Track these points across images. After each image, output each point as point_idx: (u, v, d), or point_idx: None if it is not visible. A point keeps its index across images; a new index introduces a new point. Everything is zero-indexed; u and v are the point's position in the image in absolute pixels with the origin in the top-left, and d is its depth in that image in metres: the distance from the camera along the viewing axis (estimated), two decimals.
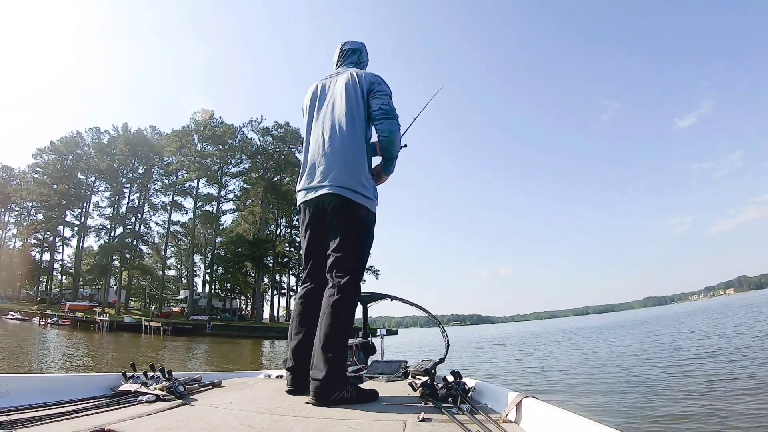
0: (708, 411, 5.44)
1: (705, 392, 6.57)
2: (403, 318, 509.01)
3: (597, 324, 49.86)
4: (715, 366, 8.79)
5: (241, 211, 66.19)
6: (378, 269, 63.70)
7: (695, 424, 5.00)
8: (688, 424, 5.00)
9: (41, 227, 63.41)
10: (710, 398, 6.11)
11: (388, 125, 2.32)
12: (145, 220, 66.20)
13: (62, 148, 64.29)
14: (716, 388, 6.75)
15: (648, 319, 45.37)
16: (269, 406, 1.87)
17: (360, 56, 2.68)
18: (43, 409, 1.60)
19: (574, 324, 63.97)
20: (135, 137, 64.40)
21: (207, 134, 61.55)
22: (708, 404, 5.74)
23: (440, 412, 1.71)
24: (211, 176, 63.09)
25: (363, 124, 2.33)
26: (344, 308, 2.11)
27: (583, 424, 1.18)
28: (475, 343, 27.81)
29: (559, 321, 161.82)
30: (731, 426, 4.82)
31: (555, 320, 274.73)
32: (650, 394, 6.87)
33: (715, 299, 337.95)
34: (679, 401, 6.13)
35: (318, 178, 2.28)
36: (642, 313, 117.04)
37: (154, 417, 1.60)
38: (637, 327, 30.12)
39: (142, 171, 65.77)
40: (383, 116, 2.31)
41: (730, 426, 4.83)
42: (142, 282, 67.53)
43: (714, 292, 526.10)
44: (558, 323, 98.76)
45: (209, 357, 21.41)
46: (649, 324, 32.40)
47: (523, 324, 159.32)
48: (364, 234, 2.29)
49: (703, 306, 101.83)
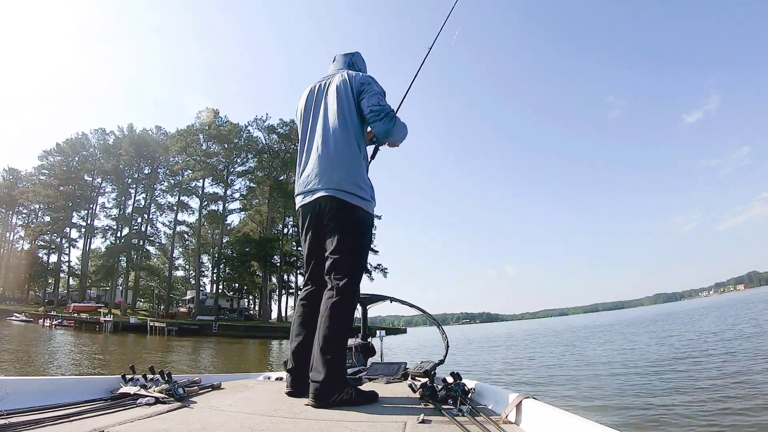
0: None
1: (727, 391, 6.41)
2: (411, 317, 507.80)
3: (608, 321, 49.14)
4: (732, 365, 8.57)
5: (248, 211, 66.10)
6: (386, 267, 63.54)
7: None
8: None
9: (48, 229, 63.83)
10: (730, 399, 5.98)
11: (381, 126, 2.33)
12: (152, 221, 66.34)
13: (68, 149, 64.72)
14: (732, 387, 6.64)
15: (660, 316, 44.15)
16: (269, 408, 1.87)
17: (353, 58, 2.67)
18: (42, 411, 1.60)
19: (583, 321, 63.36)
20: (140, 138, 64.55)
21: (212, 133, 61.38)
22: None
23: (440, 413, 1.70)
24: (216, 175, 62.99)
25: (356, 126, 2.33)
26: (343, 310, 2.11)
27: (583, 424, 1.17)
28: (474, 342, 27.84)
29: (569, 318, 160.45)
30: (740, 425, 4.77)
31: (564, 318, 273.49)
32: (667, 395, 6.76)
33: (726, 295, 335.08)
34: (700, 404, 5.92)
35: (314, 182, 2.29)
36: (653, 310, 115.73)
37: (153, 419, 1.60)
38: (653, 324, 29.07)
39: (148, 171, 65.94)
40: (375, 117, 2.31)
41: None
42: (150, 283, 67.80)
43: (724, 288, 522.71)
44: (567, 320, 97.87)
45: (207, 358, 21.34)
46: (664, 321, 31.44)
47: (533, 322, 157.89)
48: (362, 235, 2.30)
49: (715, 302, 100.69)
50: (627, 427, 5.04)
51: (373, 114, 2.31)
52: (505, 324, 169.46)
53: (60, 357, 16.70)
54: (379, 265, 62.67)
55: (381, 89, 2.40)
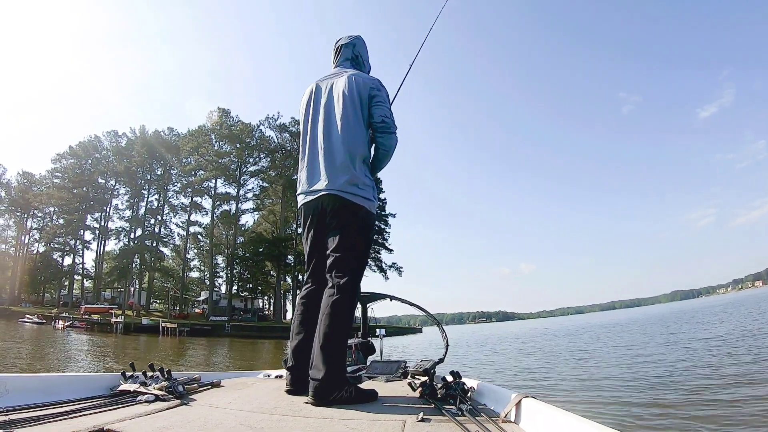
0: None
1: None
2: (427, 316, 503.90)
3: (630, 318, 47.88)
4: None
5: (261, 210, 65.88)
6: (401, 266, 62.62)
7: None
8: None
9: (62, 231, 64.66)
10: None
11: (389, 140, 2.39)
12: (165, 222, 66.63)
13: (80, 152, 65.41)
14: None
15: (682, 314, 41.79)
16: (268, 406, 1.87)
17: (354, 49, 2.63)
18: (42, 408, 1.61)
19: (603, 319, 62.11)
20: (152, 139, 64.83)
21: (224, 133, 61.12)
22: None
23: (439, 412, 1.69)
24: (229, 175, 62.71)
25: (362, 127, 2.33)
26: (343, 308, 2.11)
27: (583, 424, 1.17)
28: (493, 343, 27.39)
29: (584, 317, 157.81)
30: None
31: (581, 315, 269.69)
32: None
33: (745, 292, 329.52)
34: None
35: (317, 180, 2.30)
36: (675, 307, 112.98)
37: (153, 417, 1.61)
38: (682, 323, 25.94)
39: (161, 172, 66.26)
40: (385, 130, 2.36)
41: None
42: (166, 284, 68.25)
43: (742, 285, 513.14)
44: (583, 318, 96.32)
45: (217, 357, 21.32)
46: (688, 320, 29.09)
47: (549, 320, 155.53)
48: (364, 234, 2.30)
49: (733, 299, 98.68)
50: (627, 427, 4.98)
51: (384, 126, 2.35)
52: (523, 323, 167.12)
53: (59, 357, 16.76)
54: (394, 263, 61.98)
55: (388, 96, 2.43)
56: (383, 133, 2.36)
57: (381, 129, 2.35)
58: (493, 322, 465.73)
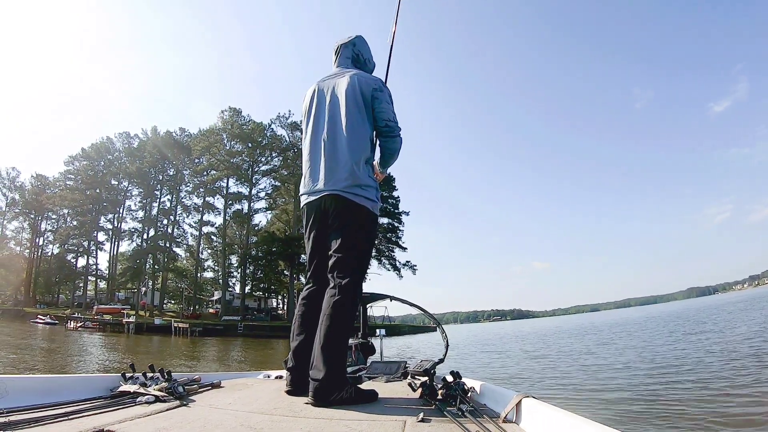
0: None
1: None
2: (442, 314, 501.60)
3: (651, 315, 46.73)
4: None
5: (274, 210, 65.80)
6: (415, 265, 62.19)
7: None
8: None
9: (76, 233, 65.43)
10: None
11: (393, 143, 2.41)
12: (178, 222, 67.03)
13: (93, 154, 66.23)
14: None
15: (703, 312, 38.69)
16: (268, 407, 1.87)
17: (355, 48, 2.61)
18: (43, 410, 1.62)
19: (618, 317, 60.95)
20: (164, 139, 65.26)
21: (235, 132, 61.20)
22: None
23: (440, 412, 1.69)
24: (241, 175, 62.75)
25: (365, 128, 2.32)
26: (344, 309, 2.10)
27: (583, 424, 1.15)
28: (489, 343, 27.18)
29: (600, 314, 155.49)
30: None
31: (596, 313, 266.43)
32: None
33: (762, 288, 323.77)
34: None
35: (319, 181, 2.30)
36: (691, 304, 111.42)
37: (153, 418, 1.61)
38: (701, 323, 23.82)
39: (173, 173, 66.78)
40: (389, 133, 2.38)
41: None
42: (180, 284, 68.77)
43: (759, 281, 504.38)
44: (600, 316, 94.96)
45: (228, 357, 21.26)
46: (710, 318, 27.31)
47: (565, 318, 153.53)
48: (366, 235, 2.30)
49: (753, 295, 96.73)
50: (627, 426, 4.92)
51: (388, 129, 2.36)
52: (538, 321, 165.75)
53: (60, 358, 16.89)
54: (407, 262, 61.64)
55: (391, 97, 2.42)
56: (387, 137, 2.38)
57: (385, 133, 2.36)
58: (507, 320, 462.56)
